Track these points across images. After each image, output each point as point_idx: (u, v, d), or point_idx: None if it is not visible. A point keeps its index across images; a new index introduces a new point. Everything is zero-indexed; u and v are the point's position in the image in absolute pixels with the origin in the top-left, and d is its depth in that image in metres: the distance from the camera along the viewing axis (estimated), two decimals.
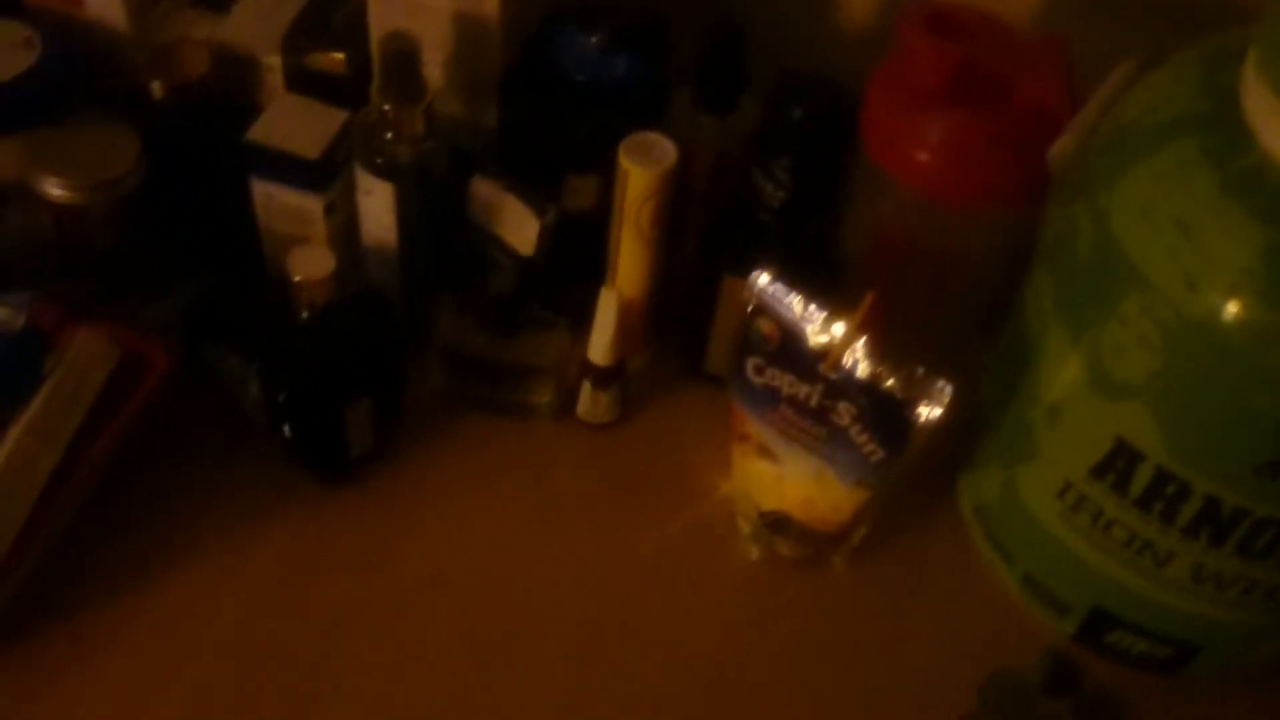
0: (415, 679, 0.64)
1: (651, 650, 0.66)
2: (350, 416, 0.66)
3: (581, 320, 0.71)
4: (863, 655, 0.67)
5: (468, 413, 0.74)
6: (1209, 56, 0.54)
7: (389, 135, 0.66)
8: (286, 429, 0.66)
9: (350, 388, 0.65)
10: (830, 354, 0.61)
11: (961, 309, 0.71)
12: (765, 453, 0.67)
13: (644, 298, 0.73)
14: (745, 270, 0.65)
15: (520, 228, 0.69)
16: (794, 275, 0.64)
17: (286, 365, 0.64)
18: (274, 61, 0.73)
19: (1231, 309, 0.48)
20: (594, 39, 0.70)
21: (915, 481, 0.66)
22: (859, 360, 0.60)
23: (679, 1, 0.71)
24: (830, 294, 0.64)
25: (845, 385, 0.61)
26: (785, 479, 0.67)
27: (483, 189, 0.70)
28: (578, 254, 0.73)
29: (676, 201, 0.70)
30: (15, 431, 0.62)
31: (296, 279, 0.62)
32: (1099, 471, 0.57)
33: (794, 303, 0.62)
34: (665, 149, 0.67)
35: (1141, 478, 0.55)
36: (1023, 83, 0.62)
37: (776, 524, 0.68)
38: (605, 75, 0.71)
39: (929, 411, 0.59)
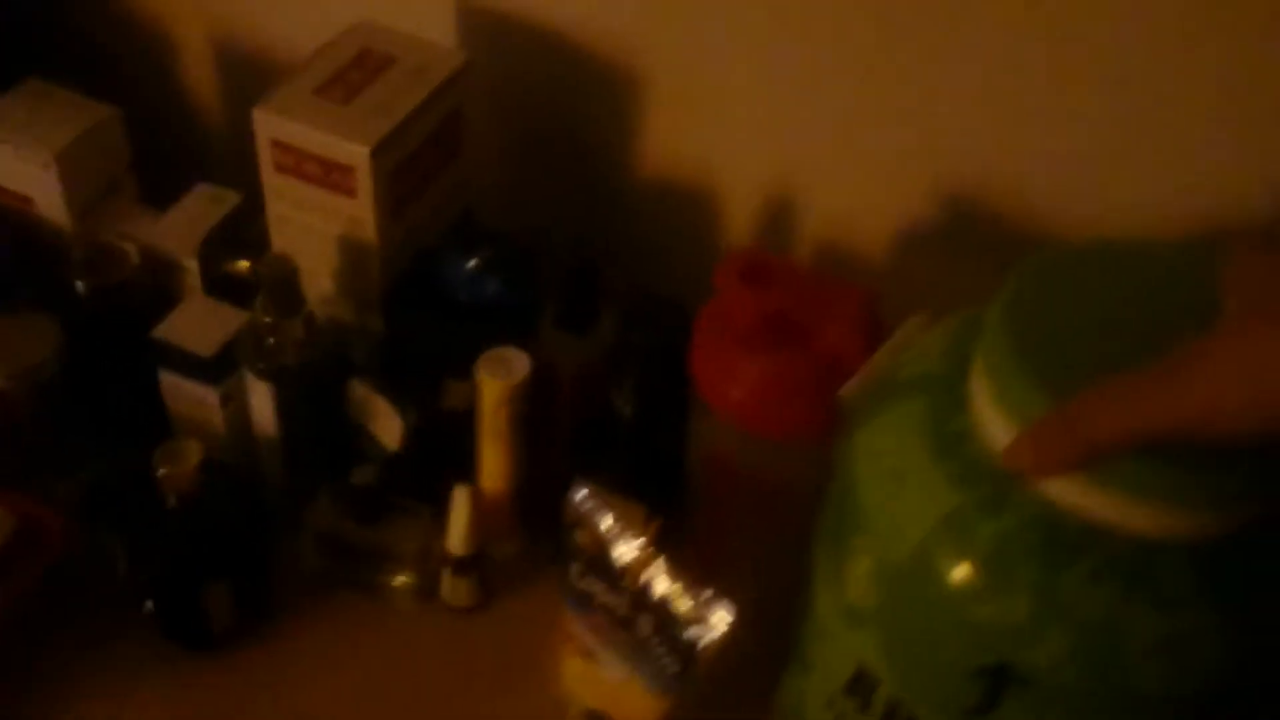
0: None
1: None
2: (208, 597, 0.72)
3: (446, 512, 0.77)
4: None
5: (337, 592, 0.80)
6: (964, 322, 0.59)
7: (270, 341, 0.74)
8: (149, 604, 0.72)
9: (207, 573, 0.72)
10: (631, 569, 0.66)
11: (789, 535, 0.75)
12: (586, 653, 0.72)
13: (506, 492, 0.79)
14: (595, 474, 0.71)
15: (388, 425, 0.76)
16: (635, 486, 0.70)
17: (148, 548, 0.71)
18: (192, 265, 0.82)
19: (925, 560, 0.53)
20: (471, 263, 0.78)
21: (744, 681, 0.70)
22: (656, 578, 0.66)
23: (548, 236, 0.79)
24: (670, 508, 0.71)
25: (645, 600, 0.66)
26: (602, 680, 0.71)
27: (358, 389, 0.77)
28: (456, 449, 0.79)
29: (537, 408, 0.77)
30: None
31: (161, 472, 0.69)
32: (849, 690, 0.61)
33: (606, 518, 0.68)
34: (519, 363, 0.74)
35: (879, 703, 0.59)
36: (825, 328, 0.68)
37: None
38: (480, 295, 0.78)
39: (709, 635, 0.64)
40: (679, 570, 0.66)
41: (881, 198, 0.82)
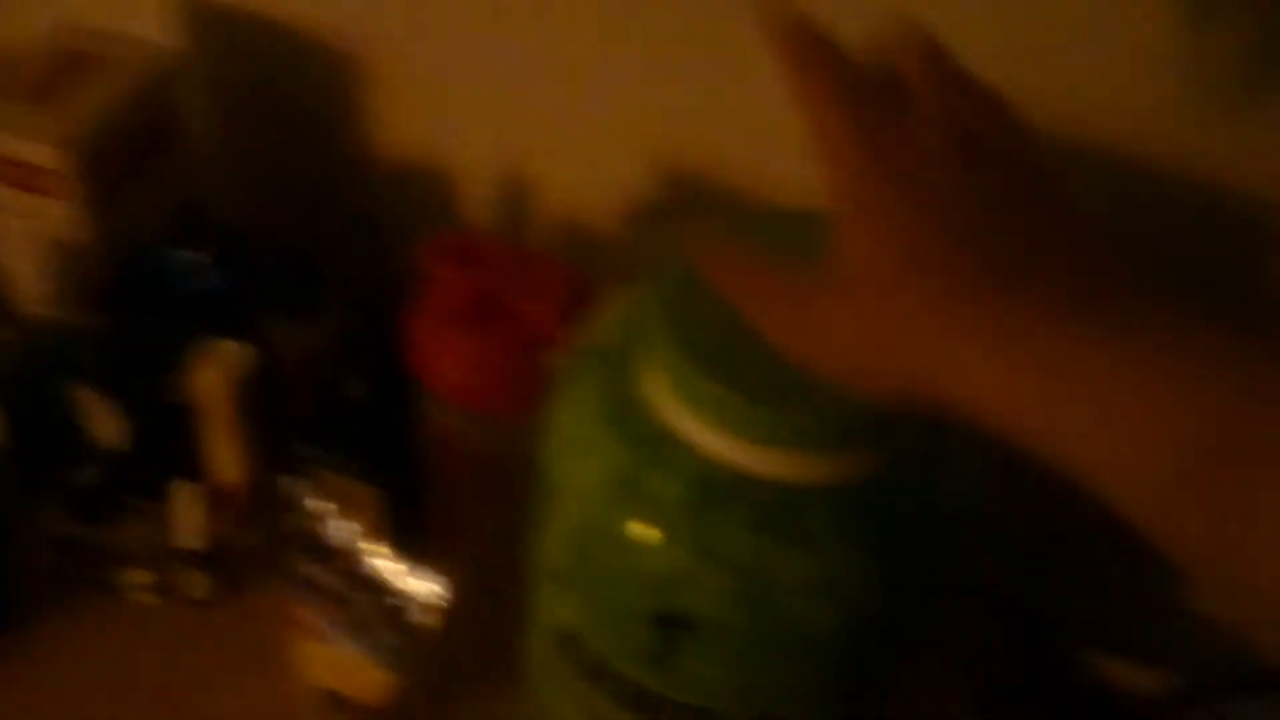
0: None
1: None
2: None
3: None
4: None
5: (79, 593, 0.79)
6: (641, 293, 0.62)
7: None
8: None
9: None
10: (345, 550, 0.68)
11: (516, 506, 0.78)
12: (317, 636, 0.73)
13: (240, 483, 0.79)
14: (329, 459, 0.72)
15: (109, 426, 0.76)
16: (369, 468, 0.71)
17: None
18: None
19: (601, 519, 0.56)
20: (191, 256, 0.78)
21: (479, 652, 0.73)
22: (371, 557, 0.67)
23: (279, 225, 0.79)
24: (404, 487, 0.72)
25: (362, 579, 0.67)
26: (335, 661, 0.73)
27: (78, 390, 0.76)
28: (186, 444, 0.79)
29: (265, 398, 0.77)
30: None
31: None
32: (560, 647, 0.63)
33: (317, 500, 0.69)
34: (238, 354, 0.74)
35: (583, 656, 0.61)
36: (532, 306, 0.70)
37: (336, 702, 0.74)
38: (201, 287, 0.78)
39: (426, 609, 0.66)
40: (393, 547, 0.67)
41: (605, 173, 0.85)
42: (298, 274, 0.78)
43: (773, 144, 0.77)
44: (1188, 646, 0.79)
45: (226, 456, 0.78)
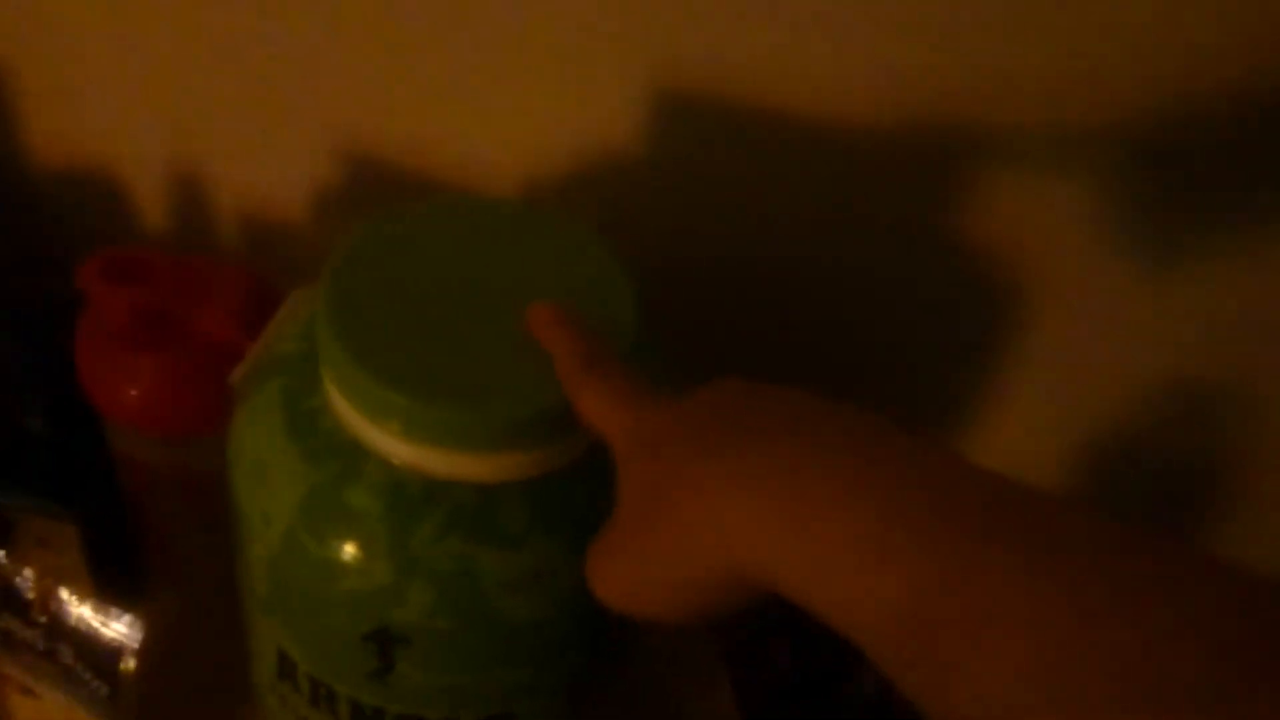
0: None
1: None
2: None
3: None
4: None
5: None
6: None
7: None
8: None
9: None
10: (38, 600, 0.63)
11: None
12: (25, 690, 0.68)
13: None
14: (17, 502, 0.66)
15: None
16: (62, 502, 0.66)
17: None
18: None
19: (294, 544, 0.53)
20: None
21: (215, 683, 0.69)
22: (65, 605, 0.63)
23: None
24: (103, 517, 0.67)
25: (60, 629, 0.63)
26: (49, 715, 0.68)
27: None
28: None
29: None
30: None
31: None
32: (280, 676, 0.61)
33: (11, 552, 0.64)
34: None
35: (303, 682, 0.59)
36: (206, 316, 0.66)
37: None
38: None
39: (127, 653, 0.62)
40: (93, 590, 0.63)
41: (285, 165, 0.81)
42: None
43: (458, 123, 0.76)
44: None
45: None
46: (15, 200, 0.85)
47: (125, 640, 0.62)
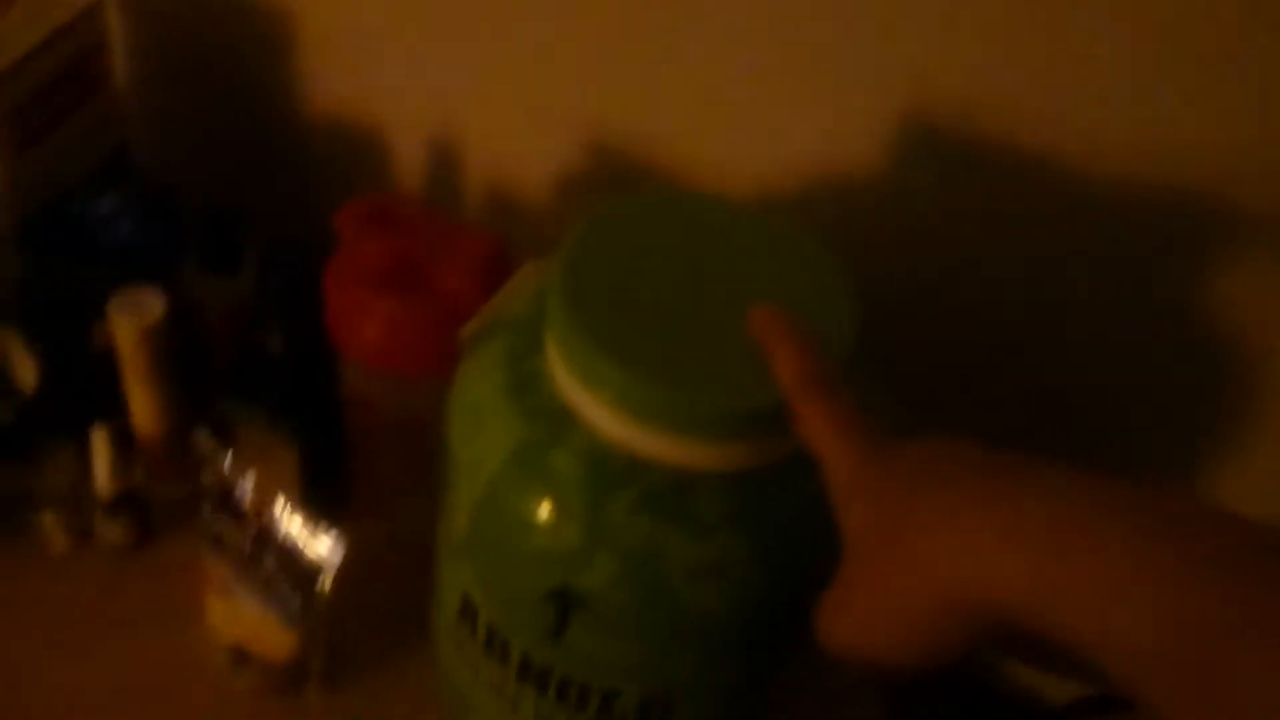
0: None
1: None
2: None
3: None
4: None
5: None
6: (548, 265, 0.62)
7: None
8: None
9: None
10: (253, 508, 0.68)
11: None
12: (225, 591, 0.73)
13: (160, 432, 0.79)
14: (246, 417, 0.71)
15: (22, 367, 0.75)
16: (290, 424, 0.71)
17: None
18: None
19: (497, 493, 0.56)
20: (108, 203, 0.77)
21: (394, 610, 0.74)
22: (277, 516, 0.67)
23: (222, 170, 0.79)
24: (325, 444, 0.72)
25: (268, 537, 0.68)
26: (241, 617, 0.73)
27: None
28: (106, 391, 0.79)
29: (186, 349, 0.77)
30: None
31: None
32: (460, 617, 0.64)
33: (228, 457, 0.69)
34: (153, 303, 0.74)
35: (481, 628, 0.62)
36: (449, 273, 0.70)
37: (239, 656, 0.74)
38: (118, 235, 0.77)
39: (325, 569, 0.66)
40: (303, 508, 0.67)
41: (538, 142, 0.85)
42: (221, 228, 0.78)
43: (706, 125, 0.78)
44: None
45: (144, 405, 0.78)
46: (285, 144, 0.90)
47: (326, 558, 0.66)
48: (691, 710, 0.62)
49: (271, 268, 0.76)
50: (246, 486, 0.68)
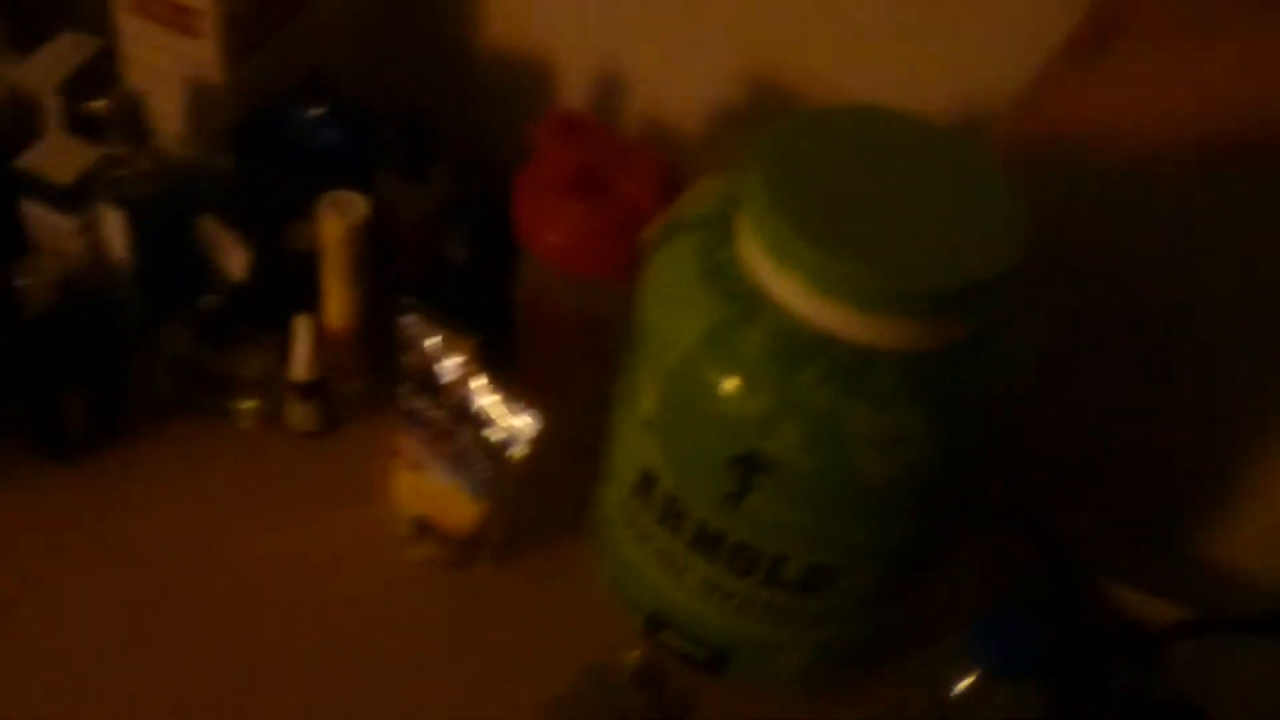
0: (100, 633, 0.76)
1: (312, 630, 0.78)
2: (63, 401, 0.79)
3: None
4: (490, 641, 0.79)
5: (187, 415, 0.87)
6: (738, 172, 0.68)
7: (122, 172, 0.80)
8: (8, 406, 0.79)
9: (62, 376, 0.78)
10: (453, 386, 0.75)
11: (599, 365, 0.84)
12: (414, 465, 0.80)
13: (349, 329, 0.86)
14: (430, 316, 0.78)
15: (232, 258, 0.83)
16: (452, 319, 0.78)
17: (6, 352, 0.77)
18: (52, 102, 0.87)
19: (691, 368, 0.62)
20: (314, 112, 0.84)
21: (566, 497, 0.81)
22: (475, 393, 0.74)
23: (406, 91, 0.85)
24: (496, 342, 0.78)
25: (465, 412, 0.74)
26: (428, 489, 0.80)
27: (206, 223, 0.83)
28: (300, 288, 0.86)
29: (377, 252, 0.84)
30: None
31: (22, 282, 0.75)
32: (637, 490, 0.70)
33: (432, 341, 0.76)
34: (358, 205, 0.81)
35: (658, 499, 0.68)
36: (628, 183, 0.76)
37: (422, 528, 0.81)
38: (321, 143, 0.85)
39: (519, 441, 0.73)
40: (495, 386, 0.74)
41: (694, 76, 0.90)
42: (412, 138, 0.84)
43: (855, 64, 0.83)
44: (1198, 586, 0.86)
45: (337, 302, 0.85)
46: (463, 70, 0.97)
47: (521, 430, 0.73)
48: (851, 578, 0.68)
49: (456, 185, 0.83)
50: (447, 367, 0.74)
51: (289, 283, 0.85)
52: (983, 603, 0.79)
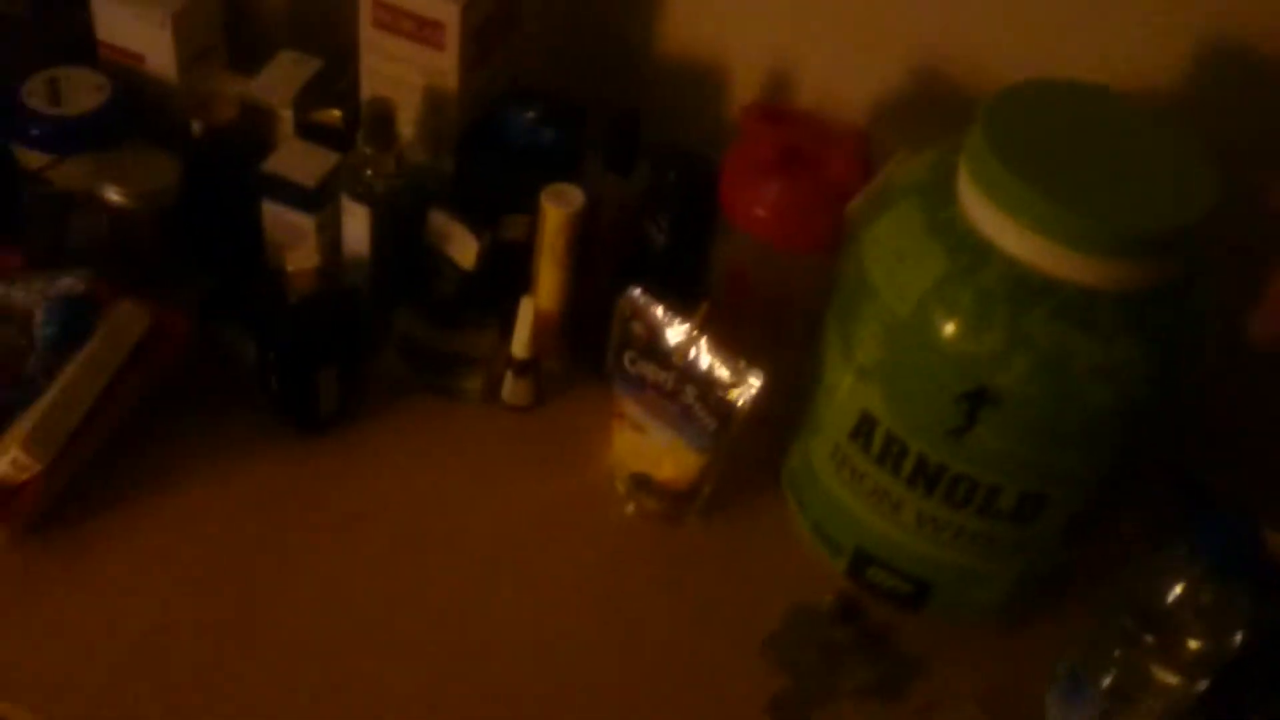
0: (349, 590, 0.84)
1: (541, 580, 0.86)
2: (320, 379, 0.88)
3: (510, 325, 0.93)
4: (702, 586, 0.87)
5: (417, 392, 0.96)
6: (945, 146, 0.76)
7: (369, 172, 0.89)
8: (273, 382, 0.88)
9: (321, 356, 0.87)
10: (680, 349, 0.83)
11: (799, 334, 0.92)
12: (635, 426, 0.88)
13: (558, 311, 0.95)
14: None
15: (463, 247, 0.92)
16: (666, 294, 0.86)
17: (276, 333, 0.86)
18: (287, 113, 0.96)
19: (923, 314, 0.70)
20: (529, 115, 0.93)
21: (755, 459, 0.89)
22: (700, 354, 0.83)
23: (594, 93, 0.95)
24: (693, 310, 0.87)
25: (691, 373, 0.83)
26: (649, 447, 0.88)
27: (436, 217, 0.92)
28: (512, 275, 0.95)
29: (585, 237, 0.92)
30: (72, 365, 0.84)
31: (289, 270, 0.85)
32: (853, 435, 0.78)
33: (658, 310, 0.84)
34: (575, 196, 0.90)
35: (878, 439, 0.76)
36: (830, 160, 0.85)
37: (641, 483, 0.90)
38: (536, 142, 0.94)
39: (745, 394, 0.81)
40: (718, 346, 0.83)
41: (862, 69, 0.99)
42: (622, 134, 0.93)
43: (1020, 59, 0.91)
44: None
45: (550, 287, 0.94)
46: (644, 72, 1.06)
47: (746, 385, 0.81)
48: (1058, 506, 0.75)
49: (663, 169, 0.91)
50: (674, 332, 0.83)
51: (500, 273, 0.94)
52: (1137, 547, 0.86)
